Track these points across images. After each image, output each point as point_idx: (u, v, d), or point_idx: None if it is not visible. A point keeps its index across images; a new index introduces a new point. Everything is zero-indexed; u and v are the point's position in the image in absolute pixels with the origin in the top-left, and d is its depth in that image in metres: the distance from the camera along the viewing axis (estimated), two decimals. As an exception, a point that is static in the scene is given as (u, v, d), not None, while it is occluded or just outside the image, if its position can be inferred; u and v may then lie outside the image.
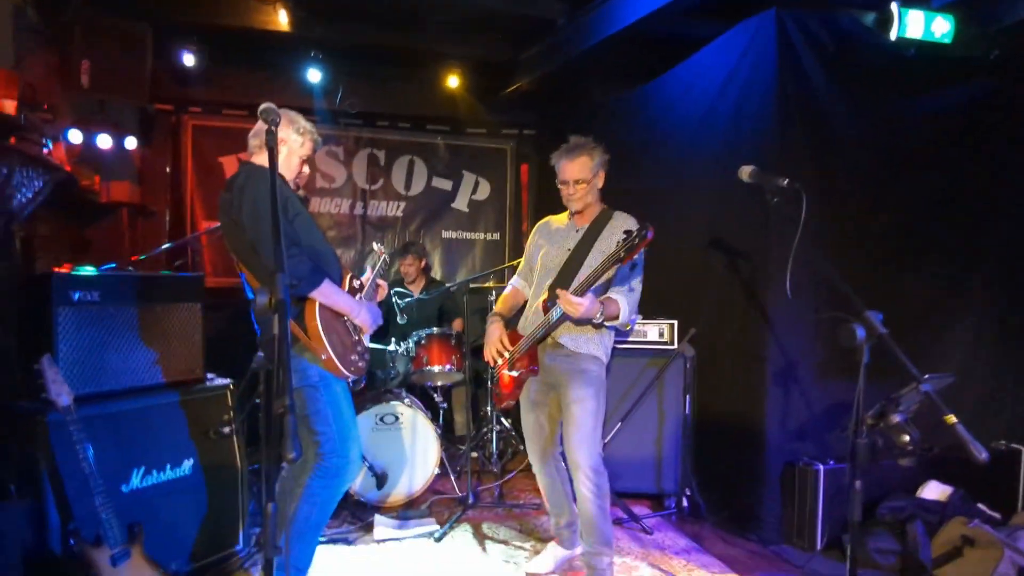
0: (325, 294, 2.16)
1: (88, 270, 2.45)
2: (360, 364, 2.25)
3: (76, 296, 2.37)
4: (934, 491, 3.05)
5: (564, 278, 2.52)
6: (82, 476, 2.08)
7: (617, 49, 3.98)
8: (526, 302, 2.76)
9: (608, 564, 2.50)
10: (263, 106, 1.60)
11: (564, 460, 2.76)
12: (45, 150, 3.21)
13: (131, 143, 3.91)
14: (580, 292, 2.29)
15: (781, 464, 3.14)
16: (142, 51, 3.87)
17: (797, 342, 3.13)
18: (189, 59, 4.19)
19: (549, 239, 2.67)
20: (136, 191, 4.41)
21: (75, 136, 3.55)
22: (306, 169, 2.40)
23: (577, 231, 2.60)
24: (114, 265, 2.61)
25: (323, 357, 2.11)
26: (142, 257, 3.41)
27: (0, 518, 2.13)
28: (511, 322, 2.75)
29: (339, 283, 2.29)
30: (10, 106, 2.40)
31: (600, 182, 2.56)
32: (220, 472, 2.70)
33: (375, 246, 2.71)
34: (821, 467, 2.99)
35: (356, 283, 2.44)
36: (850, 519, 1.60)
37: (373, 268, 2.64)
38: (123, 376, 2.51)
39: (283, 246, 1.99)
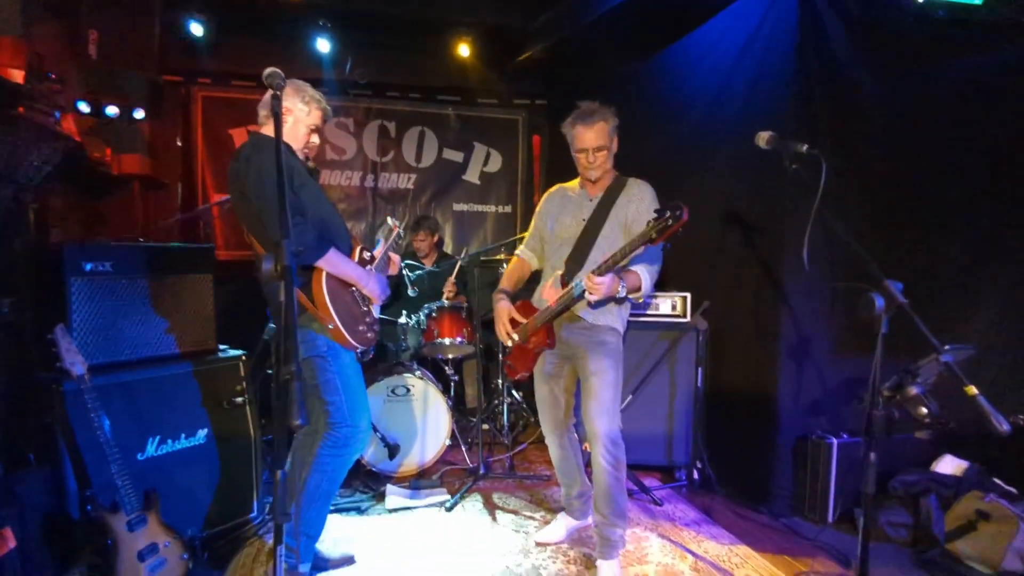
0: (332, 263, 2.14)
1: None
2: (369, 335, 2.24)
3: (88, 267, 2.39)
4: (949, 465, 3.01)
5: (580, 250, 2.48)
6: (98, 444, 2.11)
7: (631, 15, 3.87)
8: (534, 273, 2.73)
9: (620, 536, 2.50)
10: (267, 71, 1.56)
11: (577, 431, 2.77)
12: (53, 120, 3.20)
13: (140, 114, 3.88)
14: (602, 272, 2.23)
15: (794, 438, 3.12)
16: (150, 21, 3.84)
17: (813, 315, 3.08)
18: (197, 29, 4.15)
19: (562, 208, 2.61)
20: (147, 163, 4.39)
21: (84, 107, 3.53)
22: (315, 139, 2.37)
23: (591, 200, 2.54)
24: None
25: (330, 326, 2.11)
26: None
27: (20, 485, 2.16)
28: (518, 295, 2.71)
29: (348, 254, 2.27)
30: (17, 75, 2.38)
31: (615, 148, 2.50)
32: (234, 441, 2.73)
33: (388, 220, 2.68)
34: (835, 440, 2.96)
35: (366, 255, 2.42)
36: (864, 491, 1.57)
37: (386, 240, 2.61)
38: (137, 346, 2.53)
39: (288, 214, 1.99)
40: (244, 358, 2.83)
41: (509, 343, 2.61)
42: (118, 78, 3.81)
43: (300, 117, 2.29)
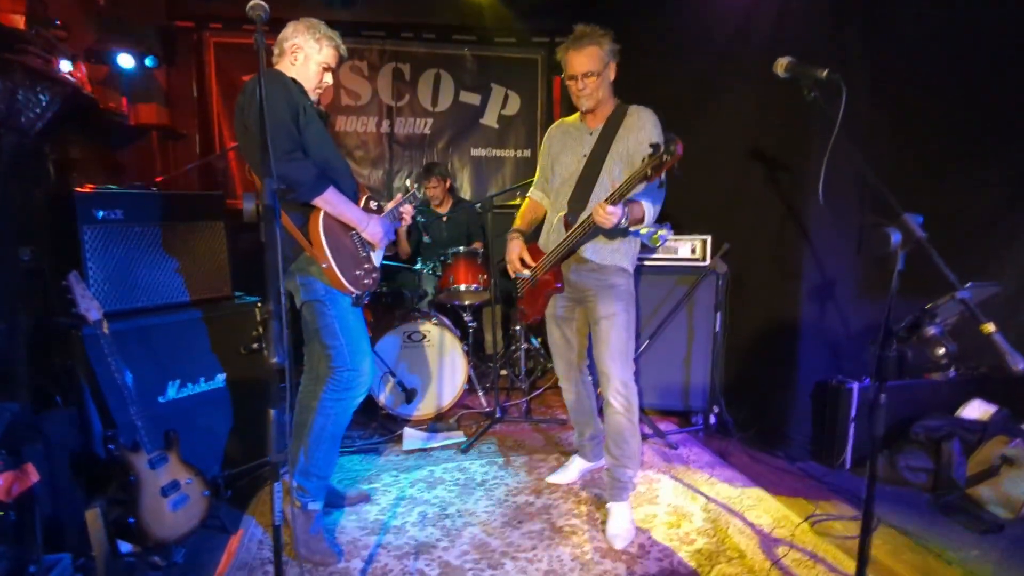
0: (330, 202, 2.11)
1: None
2: (366, 280, 2.22)
3: (100, 215, 2.41)
4: (976, 410, 2.93)
5: (583, 188, 2.40)
6: (118, 386, 2.18)
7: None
8: (546, 215, 2.67)
9: (631, 477, 2.50)
10: (251, 3, 1.50)
11: (591, 374, 2.76)
12: (68, 68, 3.20)
13: (152, 62, 3.85)
14: (614, 202, 2.15)
15: (813, 382, 3.06)
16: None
17: (837, 255, 2.97)
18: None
19: (563, 146, 2.51)
20: (164, 113, 4.41)
21: (96, 56, 3.51)
22: (328, 78, 2.30)
23: (591, 134, 2.43)
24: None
25: (323, 265, 2.09)
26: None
27: (48, 425, 2.26)
28: (532, 237, 2.67)
29: (353, 199, 2.24)
30: (18, 20, 2.36)
31: (612, 74, 2.35)
32: (252, 385, 2.79)
33: (407, 183, 2.63)
34: (855, 384, 2.90)
35: (373, 204, 2.38)
36: (873, 434, 1.52)
37: (402, 195, 2.57)
38: (153, 293, 2.58)
39: (284, 150, 1.96)
40: (259, 304, 2.86)
41: (523, 274, 2.58)
42: (127, 24, 3.78)
43: (311, 54, 2.23)
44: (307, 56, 2.24)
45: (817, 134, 2.77)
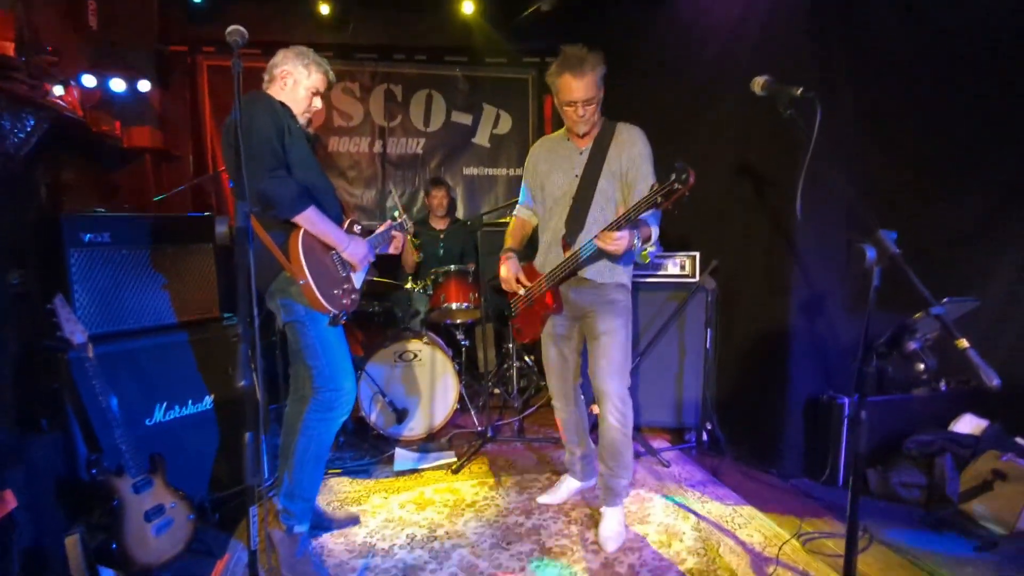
0: (311, 221, 2.12)
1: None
2: (344, 300, 2.21)
3: (87, 238, 2.42)
4: (968, 424, 2.91)
5: (578, 208, 2.40)
6: (103, 410, 2.17)
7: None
8: (535, 230, 2.66)
9: (625, 486, 2.53)
10: (229, 29, 1.53)
11: (584, 393, 2.75)
12: (60, 93, 3.23)
13: (144, 86, 3.89)
14: (620, 228, 2.15)
15: (804, 398, 3.05)
16: (149, -11, 3.81)
17: (824, 272, 2.98)
18: (196, -4, 4.11)
19: (552, 164, 2.50)
20: (158, 136, 4.43)
21: (88, 80, 3.55)
22: (317, 103, 2.35)
23: (581, 153, 2.43)
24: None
25: (301, 282, 2.09)
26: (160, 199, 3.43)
27: (34, 449, 2.24)
28: (525, 255, 2.66)
29: (337, 222, 2.26)
30: (7, 47, 2.39)
31: (602, 98, 2.36)
32: (239, 407, 2.77)
33: (396, 213, 2.66)
34: (847, 400, 2.89)
35: (357, 228, 2.39)
36: (855, 451, 1.51)
37: (390, 222, 2.59)
38: (141, 315, 2.58)
39: (266, 167, 1.98)
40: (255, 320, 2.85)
41: (520, 293, 2.55)
42: (121, 50, 3.82)
43: (300, 80, 2.29)
44: (296, 81, 2.29)
45: (800, 148, 2.78)
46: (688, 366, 3.42)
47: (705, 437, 3.43)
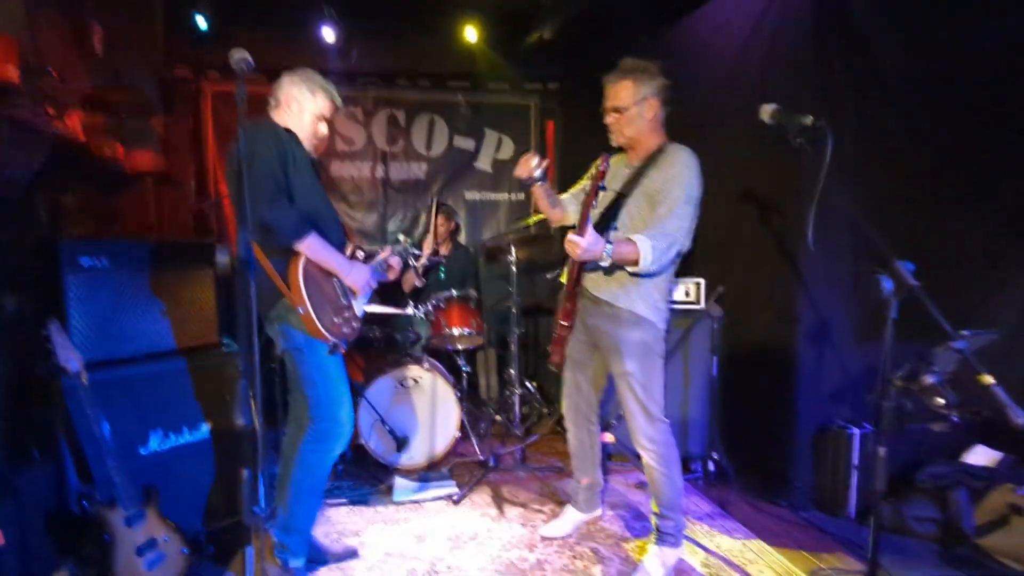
0: (312, 248, 2.09)
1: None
2: (344, 329, 2.17)
3: (86, 263, 2.38)
4: (981, 456, 2.85)
5: (604, 222, 2.37)
6: (97, 439, 2.11)
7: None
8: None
9: (673, 527, 2.43)
10: (234, 54, 1.51)
11: (603, 409, 2.71)
12: (62, 118, 3.22)
13: (148, 111, 3.89)
14: (581, 229, 2.10)
15: (813, 428, 2.99)
16: (154, 15, 3.84)
17: (833, 299, 2.94)
18: (202, 23, 4.13)
19: (609, 179, 2.41)
20: (160, 160, 4.42)
21: (90, 105, 3.55)
22: (323, 128, 2.33)
23: (628, 168, 2.39)
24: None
25: (300, 311, 2.05)
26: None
27: (24, 481, 2.18)
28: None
29: (339, 248, 2.23)
30: (12, 72, 2.38)
31: (648, 113, 2.31)
32: (236, 437, 2.71)
33: (400, 237, 2.63)
34: (856, 431, 2.83)
35: (360, 254, 2.37)
36: (875, 487, 1.46)
37: (391, 247, 2.56)
38: (138, 341, 2.52)
39: (268, 194, 1.96)
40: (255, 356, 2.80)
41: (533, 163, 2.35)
42: (124, 74, 3.83)
43: (305, 105, 2.26)
44: (301, 107, 2.26)
45: (807, 175, 2.77)
46: (693, 394, 3.36)
47: (712, 467, 3.36)
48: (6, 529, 1.88)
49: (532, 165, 2.33)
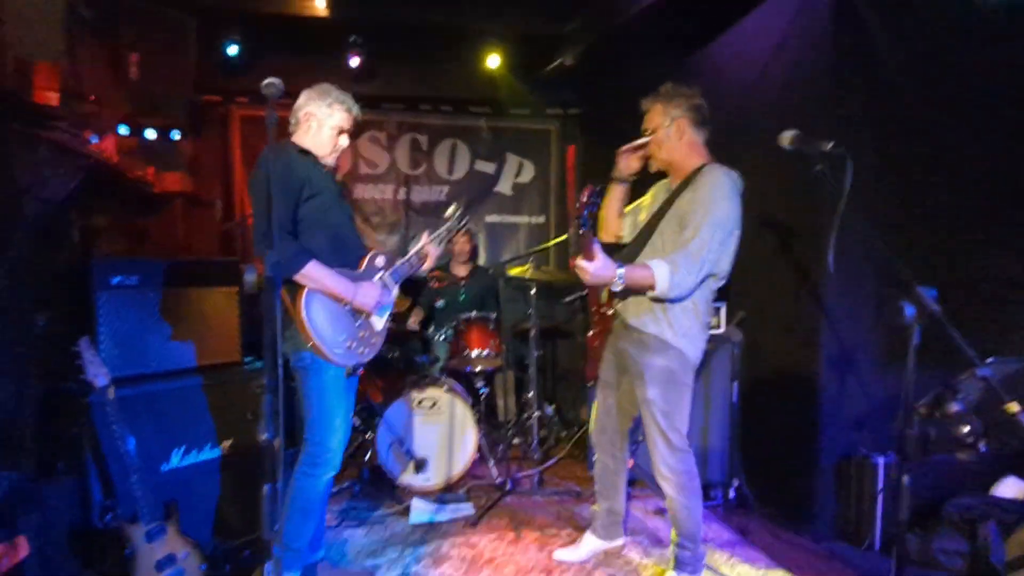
0: (311, 277, 2.09)
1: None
2: (361, 350, 2.19)
3: (115, 281, 2.44)
4: (1012, 488, 2.76)
5: (638, 243, 2.38)
6: (121, 455, 2.15)
7: (663, 17, 3.77)
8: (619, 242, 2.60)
9: (690, 557, 2.40)
10: (265, 81, 1.56)
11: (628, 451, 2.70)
12: (94, 141, 3.34)
13: (177, 134, 4.02)
14: (588, 253, 2.07)
15: (836, 456, 2.93)
16: (187, 43, 3.98)
17: (854, 325, 2.90)
18: (232, 50, 4.27)
19: (652, 201, 2.47)
20: (188, 181, 4.55)
21: (124, 128, 3.68)
22: (343, 140, 2.32)
23: (668, 191, 2.41)
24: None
25: (308, 344, 2.09)
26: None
27: (48, 494, 2.23)
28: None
29: (355, 265, 2.26)
30: (53, 97, 2.48)
31: (680, 135, 2.32)
32: (257, 454, 2.73)
33: (451, 208, 2.63)
34: (880, 460, 2.77)
35: (378, 260, 2.37)
36: (898, 519, 1.43)
37: (415, 246, 2.56)
38: (163, 358, 2.57)
39: (262, 231, 1.99)
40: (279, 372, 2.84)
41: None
42: (157, 99, 3.97)
43: (323, 120, 2.27)
44: (320, 122, 2.28)
45: (827, 201, 2.76)
46: (714, 420, 3.32)
47: (732, 494, 3.30)
48: (31, 541, 1.92)
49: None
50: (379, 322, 2.34)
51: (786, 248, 3.14)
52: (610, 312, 2.51)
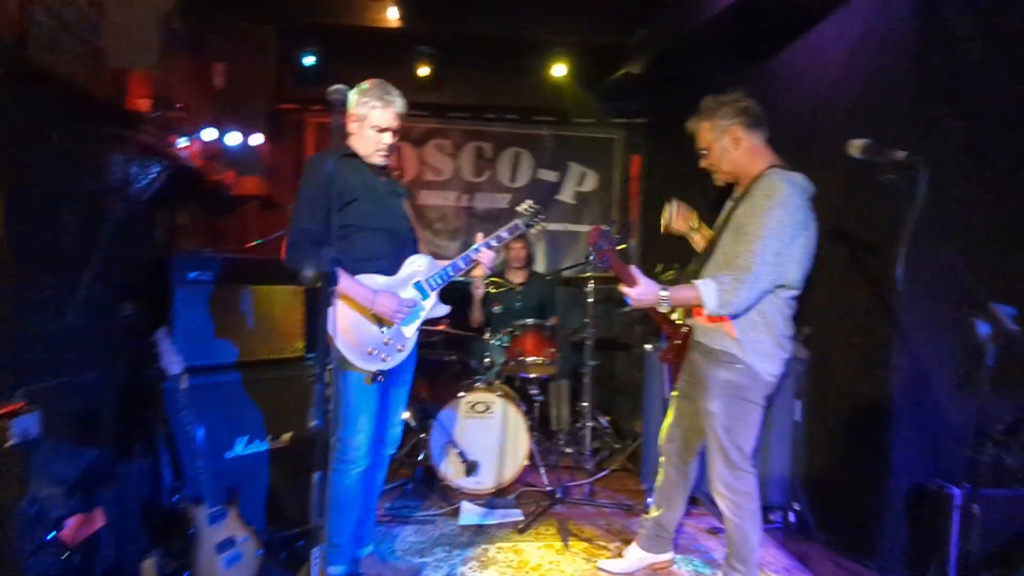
0: None
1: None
2: (382, 356, 2.23)
3: (192, 276, 2.60)
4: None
5: (706, 254, 2.36)
6: (190, 439, 2.28)
7: (732, 26, 3.69)
8: None
9: None
10: (330, 88, 1.63)
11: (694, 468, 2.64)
12: (184, 145, 3.57)
13: (256, 140, 4.24)
14: (630, 280, 2.16)
15: (908, 484, 2.75)
16: (268, 54, 4.21)
17: (931, 344, 2.72)
18: (309, 59, 4.48)
19: (723, 211, 2.45)
20: (264, 185, 4.79)
21: (208, 134, 3.91)
22: (386, 138, 2.33)
23: (731, 201, 2.38)
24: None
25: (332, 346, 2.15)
26: (258, 242, 3.68)
27: (125, 472, 2.39)
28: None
29: (396, 270, 2.33)
30: (144, 104, 2.69)
31: (733, 143, 2.26)
32: (315, 445, 2.84)
33: (523, 206, 2.67)
34: (957, 491, 2.58)
35: (418, 264, 2.41)
36: (967, 550, 1.33)
37: (513, 222, 2.64)
38: (232, 350, 2.71)
39: (290, 241, 2.11)
40: (329, 365, 2.94)
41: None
42: (240, 107, 4.20)
43: (363, 120, 2.32)
44: (361, 123, 2.33)
45: (900, 213, 2.62)
46: (775, 440, 3.19)
47: (792, 518, 3.16)
48: (106, 513, 2.06)
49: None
50: (409, 329, 2.36)
51: (855, 262, 2.99)
52: (684, 328, 2.48)
